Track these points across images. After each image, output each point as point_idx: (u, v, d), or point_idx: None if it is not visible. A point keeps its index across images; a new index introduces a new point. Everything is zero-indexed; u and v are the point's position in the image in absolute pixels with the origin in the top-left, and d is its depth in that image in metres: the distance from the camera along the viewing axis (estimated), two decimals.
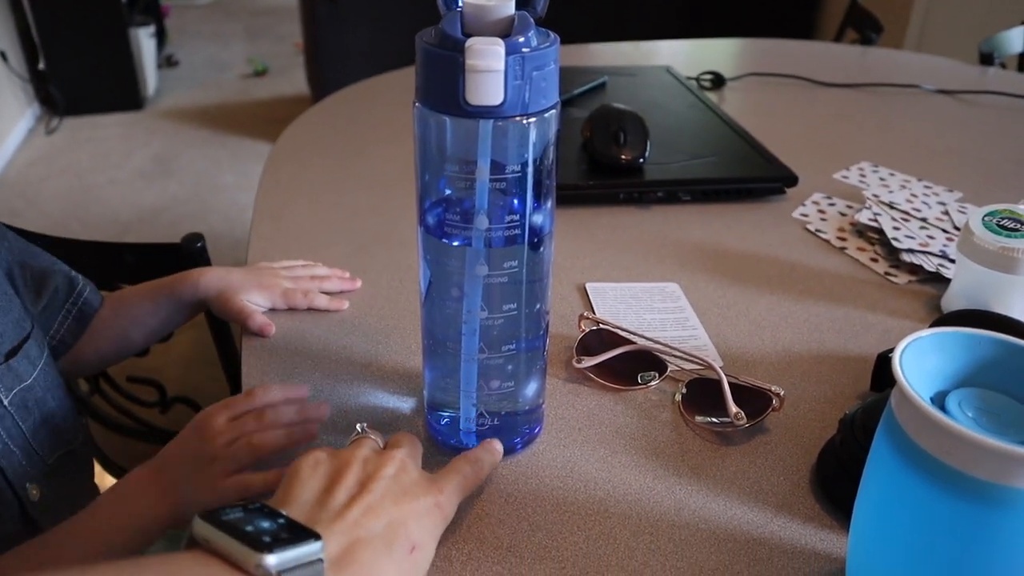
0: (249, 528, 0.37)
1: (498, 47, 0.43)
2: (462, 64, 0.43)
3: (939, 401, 0.41)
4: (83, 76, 3.82)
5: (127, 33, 3.82)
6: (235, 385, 0.66)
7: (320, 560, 0.37)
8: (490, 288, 0.50)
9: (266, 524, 0.38)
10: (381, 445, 0.50)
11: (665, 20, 3.60)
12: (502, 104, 0.44)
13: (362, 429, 0.51)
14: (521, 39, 0.44)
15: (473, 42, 0.43)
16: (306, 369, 0.66)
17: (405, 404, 0.63)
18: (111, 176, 3.22)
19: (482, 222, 0.48)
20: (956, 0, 3.14)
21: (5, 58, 3.54)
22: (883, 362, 0.65)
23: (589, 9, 3.49)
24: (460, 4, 0.46)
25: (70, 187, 3.18)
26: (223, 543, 0.36)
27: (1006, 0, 2.93)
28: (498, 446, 0.54)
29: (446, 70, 0.44)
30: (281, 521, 0.39)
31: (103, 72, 3.85)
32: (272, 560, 0.35)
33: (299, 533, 0.38)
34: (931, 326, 0.67)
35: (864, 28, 2.02)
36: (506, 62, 0.43)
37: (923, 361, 0.42)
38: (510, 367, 0.53)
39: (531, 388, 0.56)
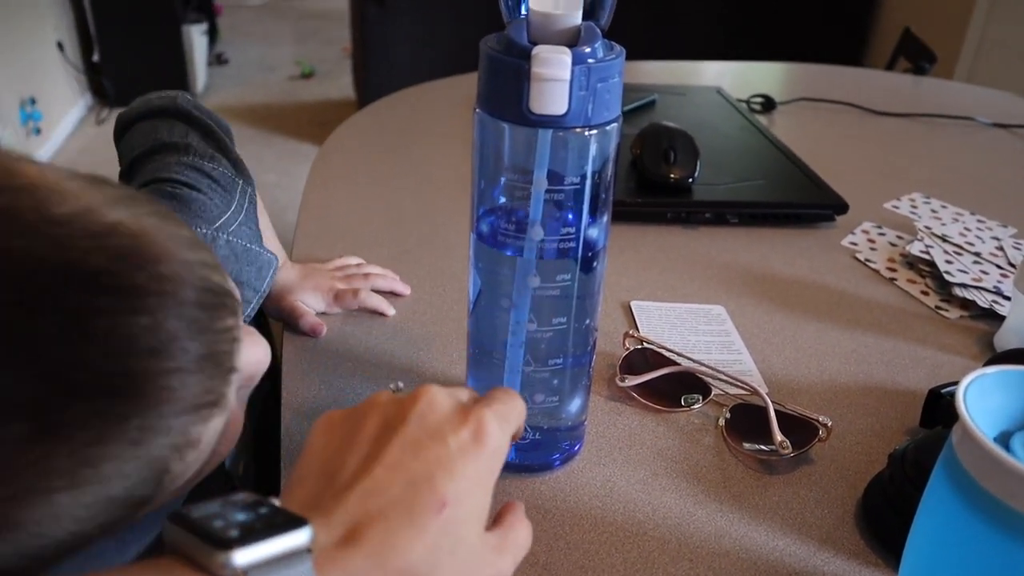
0: (218, 523, 0.31)
1: (565, 56, 0.42)
2: (527, 72, 0.43)
3: (1003, 441, 0.40)
4: (135, 69, 3.89)
5: (180, 30, 3.89)
6: (274, 384, 0.66)
7: (305, 551, 0.31)
8: (540, 300, 0.49)
9: (241, 516, 0.32)
10: None
11: (714, 40, 3.59)
12: (565, 114, 0.44)
13: (397, 387, 0.46)
14: (587, 49, 0.43)
15: (540, 50, 0.42)
16: (346, 372, 0.66)
17: None
18: None
19: (536, 233, 0.47)
20: (1009, 31, 3.09)
21: (62, 48, 3.62)
22: (934, 398, 0.63)
23: (638, 26, 3.49)
24: (525, 12, 0.46)
25: (116, 176, 3.23)
26: (188, 543, 0.31)
27: None
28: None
29: (510, 77, 0.43)
30: (263, 511, 0.32)
31: (154, 66, 3.92)
32: (239, 557, 0.30)
33: (281, 523, 0.32)
34: (986, 364, 0.65)
35: (917, 57, 2.00)
36: (572, 72, 0.43)
37: (987, 399, 0.41)
38: (555, 381, 0.53)
39: (575, 404, 0.55)
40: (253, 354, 0.42)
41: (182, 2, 3.97)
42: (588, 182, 0.47)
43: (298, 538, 0.31)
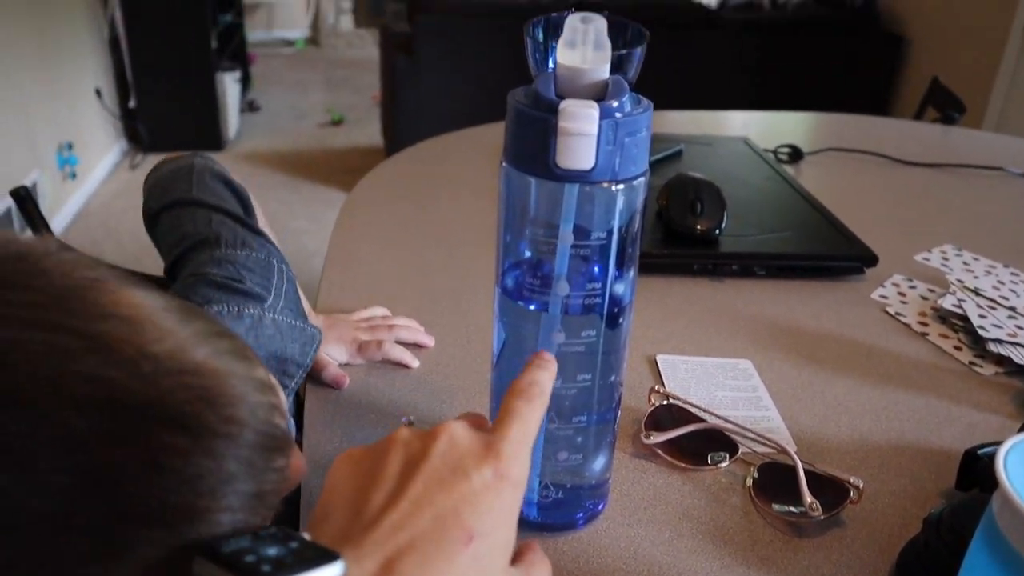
0: (250, 558, 0.32)
1: (592, 110, 0.42)
2: (555, 126, 0.43)
3: None
4: (169, 115, 3.98)
5: (214, 77, 3.98)
6: (296, 436, 0.66)
7: None
8: (565, 356, 0.49)
9: (272, 551, 0.32)
10: None
11: (740, 90, 3.61)
12: (592, 169, 0.43)
13: (409, 422, 0.47)
14: (615, 104, 0.43)
15: (567, 104, 0.42)
16: (368, 424, 0.66)
17: None
18: None
19: (562, 288, 0.47)
20: None
21: (100, 95, 3.71)
22: (970, 459, 0.61)
23: (665, 76, 3.52)
24: (553, 65, 0.46)
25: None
26: None
27: None
28: (548, 356, 0.43)
29: (538, 131, 0.43)
30: (294, 545, 0.33)
31: (188, 113, 4.01)
32: None
33: (313, 557, 0.32)
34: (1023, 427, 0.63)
35: (946, 107, 1.99)
36: (599, 126, 0.42)
37: None
38: (579, 439, 0.52)
39: (599, 462, 0.54)
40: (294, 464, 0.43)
41: (217, 51, 4.07)
42: (615, 237, 0.46)
43: (331, 572, 0.31)
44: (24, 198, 1.04)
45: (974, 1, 3.33)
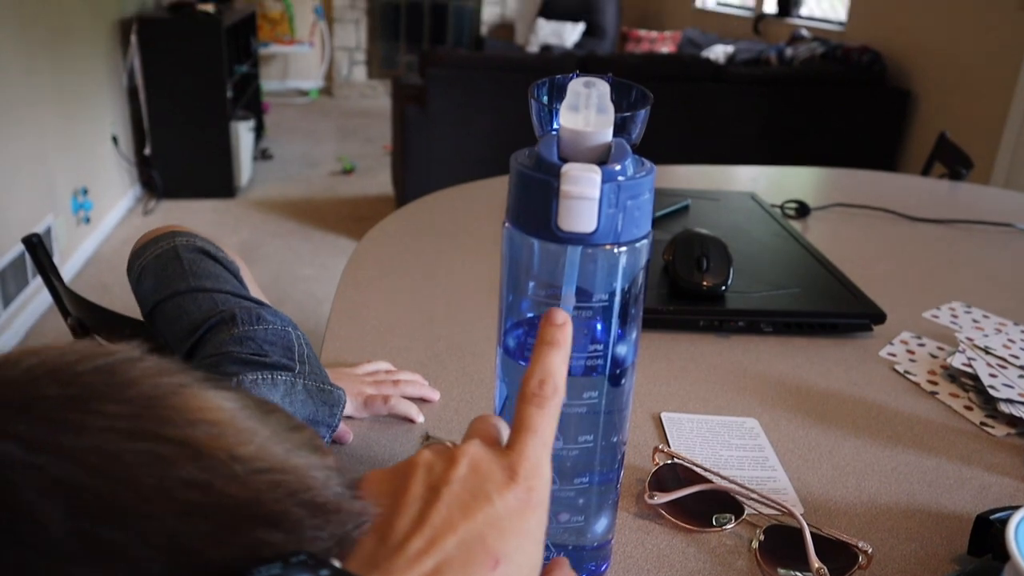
0: None
1: (594, 174, 0.42)
2: (556, 189, 0.43)
3: None
4: (183, 163, 4.04)
5: (228, 126, 4.05)
6: None
7: None
8: (567, 418, 0.48)
9: None
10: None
11: (748, 144, 3.64)
12: (594, 232, 0.43)
13: (430, 436, 0.46)
14: (618, 167, 0.44)
15: (569, 168, 0.43)
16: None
17: None
18: None
19: None
20: None
21: (116, 142, 3.77)
22: (982, 524, 0.60)
23: (672, 131, 3.55)
24: (557, 127, 0.46)
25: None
26: None
27: None
28: (560, 318, 0.41)
29: (540, 193, 0.44)
30: (324, 572, 0.33)
31: (202, 160, 4.06)
32: None
33: None
34: None
35: (953, 163, 2.00)
36: (601, 190, 0.43)
37: None
38: (581, 501, 0.51)
39: (601, 524, 0.53)
40: None
41: (232, 100, 4.14)
42: (617, 298, 0.46)
43: None
44: (36, 245, 1.05)
45: (980, 57, 3.37)
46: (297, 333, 0.69)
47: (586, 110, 0.44)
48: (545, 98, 0.47)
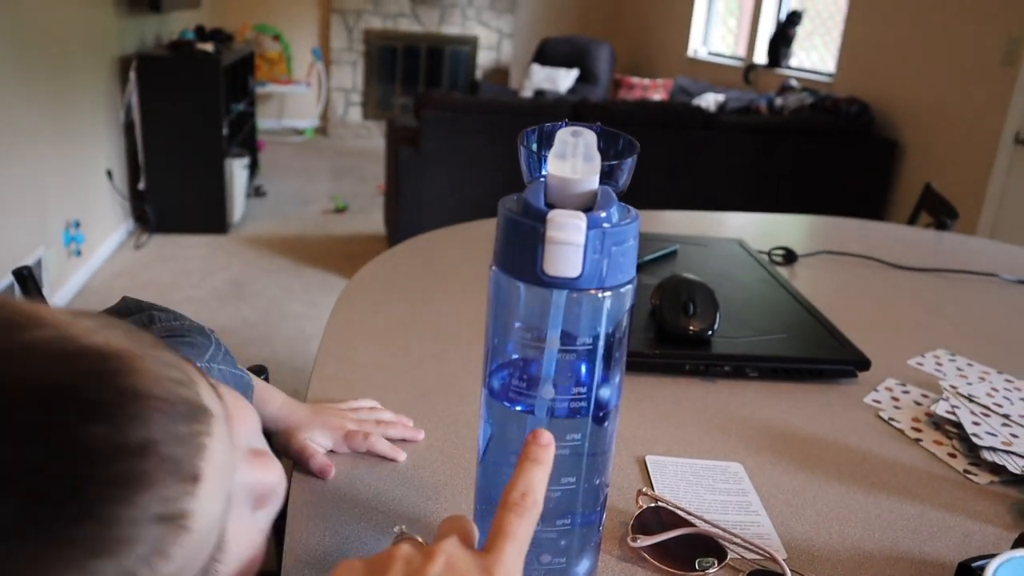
0: None
1: (579, 221, 0.43)
2: (542, 235, 0.44)
3: None
4: (177, 198, 4.06)
5: (223, 163, 4.07)
6: (279, 526, 0.65)
7: None
8: None
9: None
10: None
11: (737, 191, 3.68)
12: (579, 277, 0.44)
13: (400, 531, 0.47)
14: (603, 214, 0.44)
15: (555, 214, 0.43)
16: (353, 518, 0.65)
17: None
18: (188, 294, 3.34)
19: (548, 392, 0.47)
20: None
21: (111, 176, 3.79)
22: (964, 572, 0.60)
23: (662, 176, 3.59)
24: (544, 174, 0.47)
25: (149, 300, 3.30)
26: None
27: None
28: (545, 439, 0.44)
29: (526, 239, 0.44)
30: None
31: (196, 196, 4.08)
32: None
33: None
34: (1017, 539, 0.62)
35: (939, 212, 2.02)
36: (586, 236, 0.43)
37: None
38: (563, 542, 0.51)
39: (583, 566, 0.53)
40: (264, 475, 0.43)
41: (228, 137, 4.17)
42: (601, 342, 0.47)
43: None
44: (26, 278, 1.05)
45: (965, 109, 3.43)
46: (212, 333, 0.73)
47: (573, 158, 0.45)
48: (534, 145, 0.48)
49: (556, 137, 0.45)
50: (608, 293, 0.45)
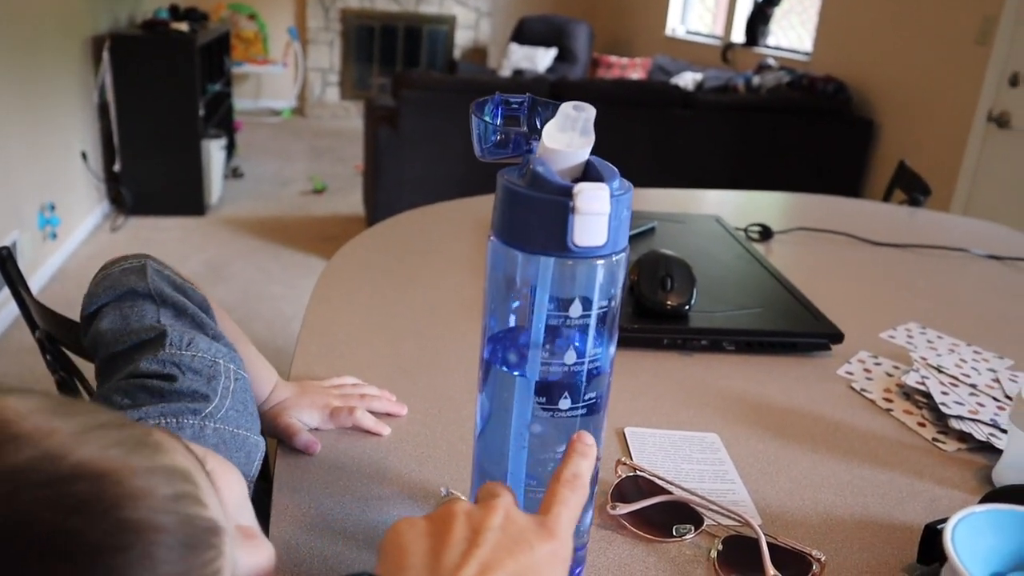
0: None
1: (605, 192, 0.45)
2: (572, 207, 0.45)
3: None
4: (153, 180, 4.02)
5: (200, 144, 4.03)
6: (265, 507, 0.65)
7: None
8: (547, 423, 0.50)
9: None
10: None
11: (715, 169, 3.70)
12: (605, 244, 0.46)
13: (448, 492, 0.49)
14: (616, 183, 0.46)
15: (583, 187, 0.45)
16: (338, 491, 0.66)
17: None
18: None
19: (570, 356, 0.49)
20: (1004, 168, 3.18)
21: (85, 158, 3.74)
22: (931, 534, 0.62)
23: (641, 154, 3.61)
24: (533, 147, 0.48)
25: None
26: None
27: None
28: (589, 440, 0.47)
29: (553, 214, 0.45)
30: None
31: (172, 178, 4.04)
32: None
33: None
34: (981, 500, 0.64)
35: (912, 189, 2.05)
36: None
37: (977, 539, 0.41)
38: None
39: (584, 523, 0.55)
40: (255, 560, 0.42)
41: (204, 118, 4.13)
42: (612, 304, 0.49)
43: None
44: (5, 260, 1.04)
45: (940, 87, 3.47)
46: (230, 366, 0.65)
47: (572, 132, 0.47)
48: (487, 116, 0.49)
49: (559, 111, 0.47)
50: (620, 256, 0.48)
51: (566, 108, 0.47)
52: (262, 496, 0.67)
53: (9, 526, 0.27)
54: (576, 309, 0.48)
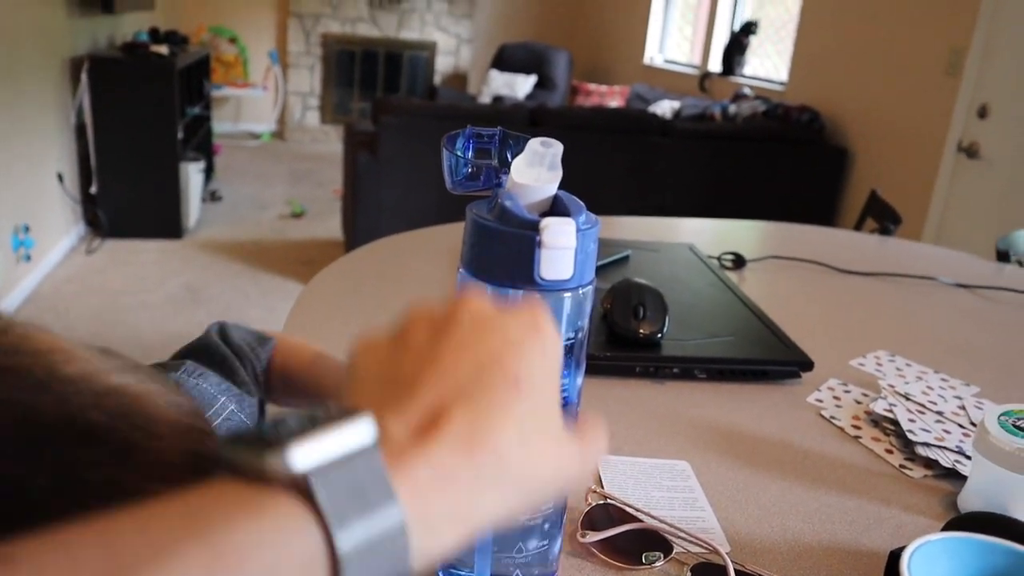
0: (268, 430, 0.27)
1: (571, 227, 0.46)
2: (539, 242, 0.46)
3: None
4: (130, 202, 4.00)
5: (178, 167, 4.02)
6: None
7: (372, 448, 0.27)
8: None
9: (293, 422, 0.27)
10: None
11: (690, 198, 3.74)
12: (571, 278, 0.47)
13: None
14: (582, 218, 0.47)
15: (549, 222, 0.46)
16: None
17: None
18: (143, 299, 3.29)
19: None
20: (974, 197, 3.24)
21: (61, 179, 3.72)
22: (895, 560, 0.63)
23: (618, 181, 3.64)
24: (503, 181, 0.49)
25: (101, 306, 3.25)
26: (234, 456, 0.26)
27: (1023, 200, 3.02)
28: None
29: (519, 247, 0.46)
30: (317, 413, 0.28)
31: (150, 200, 4.03)
32: (298, 455, 0.25)
33: (338, 416, 0.28)
34: (944, 527, 0.66)
35: (883, 218, 2.09)
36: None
37: (934, 566, 0.42)
38: (546, 526, 0.54)
39: (555, 546, 0.56)
40: None
41: (182, 141, 4.12)
42: (581, 335, 0.50)
43: (357, 429, 0.27)
44: None
45: (911, 117, 3.54)
46: (230, 407, 0.63)
47: (539, 167, 0.48)
48: (460, 149, 0.50)
49: (527, 147, 0.48)
50: (586, 289, 0.48)
51: (534, 144, 0.48)
52: None
53: (59, 418, 0.31)
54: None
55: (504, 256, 0.47)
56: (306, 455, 0.25)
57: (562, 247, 0.46)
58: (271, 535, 0.24)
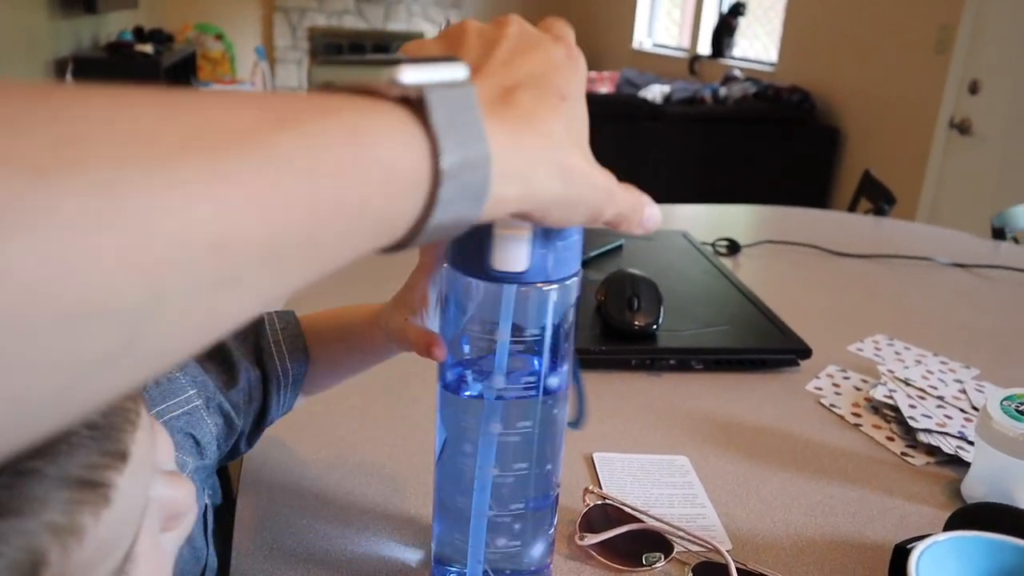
0: (377, 55, 0.30)
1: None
2: (490, 231, 0.44)
3: None
4: None
5: None
6: (226, 531, 0.64)
7: (468, 84, 0.30)
8: (503, 446, 0.50)
9: (391, 54, 0.31)
10: None
11: (683, 183, 3.72)
12: (526, 271, 0.45)
13: (448, 21, 0.46)
14: None
15: None
16: (307, 515, 0.65)
17: (413, 556, 0.62)
18: None
19: (499, 381, 0.48)
20: (967, 174, 3.23)
21: None
22: (900, 554, 0.62)
23: (609, 167, 3.62)
24: None
25: None
26: (347, 75, 0.29)
27: (1016, 175, 3.01)
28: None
29: (475, 236, 0.45)
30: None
31: None
32: (407, 73, 0.28)
33: (439, 58, 0.32)
34: (949, 519, 0.64)
35: (877, 199, 2.08)
36: (534, 231, 0.44)
37: (942, 567, 0.40)
38: (517, 526, 0.52)
39: (537, 549, 0.54)
40: (176, 492, 0.39)
41: None
42: (548, 332, 0.48)
43: (459, 70, 0.30)
44: None
45: (903, 95, 3.52)
46: (196, 403, 0.61)
47: None
48: None
49: None
50: (554, 286, 0.46)
51: None
52: (224, 515, 0.65)
53: None
54: (503, 335, 0.47)
55: (466, 245, 0.46)
56: (415, 75, 0.28)
57: (512, 238, 0.44)
58: (397, 132, 0.26)
